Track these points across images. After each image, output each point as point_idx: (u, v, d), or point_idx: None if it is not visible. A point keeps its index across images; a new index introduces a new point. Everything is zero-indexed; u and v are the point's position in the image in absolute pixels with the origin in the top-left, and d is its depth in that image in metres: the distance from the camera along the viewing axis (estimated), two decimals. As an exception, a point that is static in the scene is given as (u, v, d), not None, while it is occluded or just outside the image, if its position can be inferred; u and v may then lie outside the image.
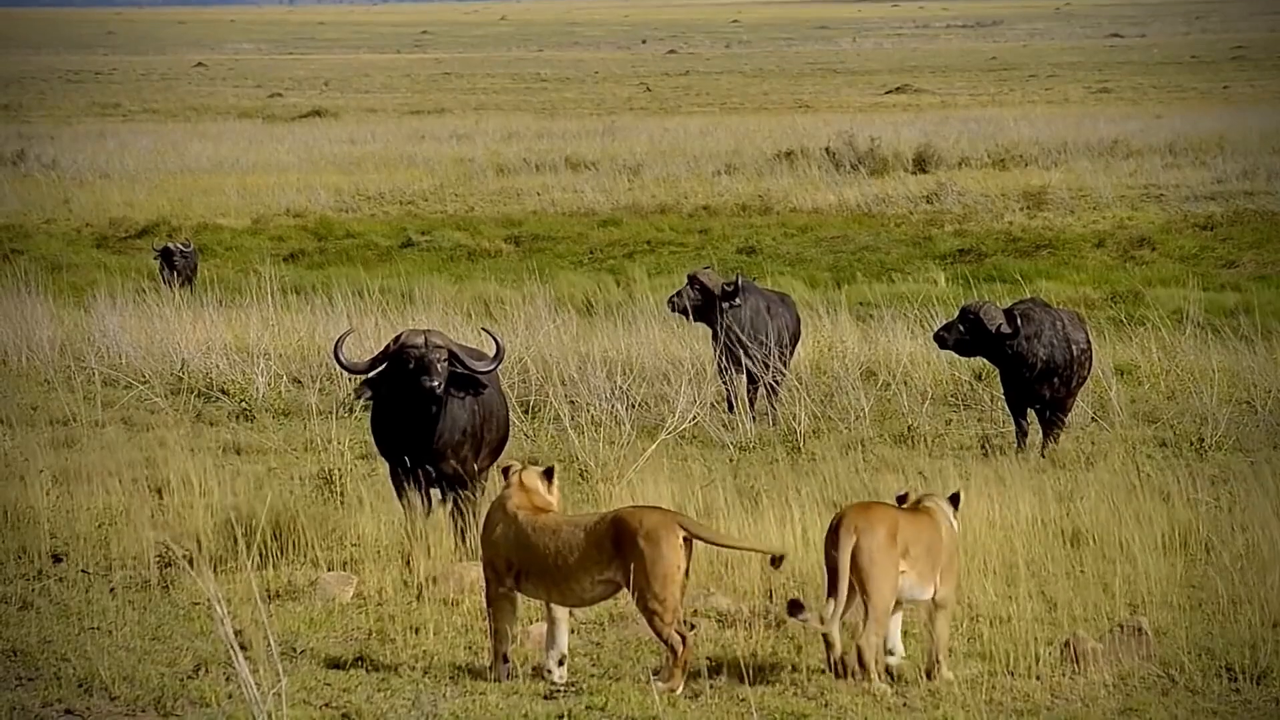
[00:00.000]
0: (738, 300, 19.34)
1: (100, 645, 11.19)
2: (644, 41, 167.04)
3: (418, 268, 33.05)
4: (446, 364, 13.10)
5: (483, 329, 16.36)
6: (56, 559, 13.12)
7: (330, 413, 18.51)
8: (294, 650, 11.13)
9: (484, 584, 10.35)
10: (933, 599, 10.47)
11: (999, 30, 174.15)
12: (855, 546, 10.20)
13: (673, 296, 19.92)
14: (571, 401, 18.59)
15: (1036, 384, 17.32)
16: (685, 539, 9.54)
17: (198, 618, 11.76)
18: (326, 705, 10.27)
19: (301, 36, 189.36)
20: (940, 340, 17.65)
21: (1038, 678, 10.64)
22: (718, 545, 9.78)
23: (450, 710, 10.17)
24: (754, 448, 17.63)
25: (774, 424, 18.69)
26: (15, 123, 67.87)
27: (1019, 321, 17.22)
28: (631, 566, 9.40)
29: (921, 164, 45.64)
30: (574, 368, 19.62)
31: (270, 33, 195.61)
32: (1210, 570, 12.48)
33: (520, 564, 9.94)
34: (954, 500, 10.89)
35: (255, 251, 35.37)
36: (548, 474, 10.41)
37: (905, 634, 11.35)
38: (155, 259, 30.27)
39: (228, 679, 10.48)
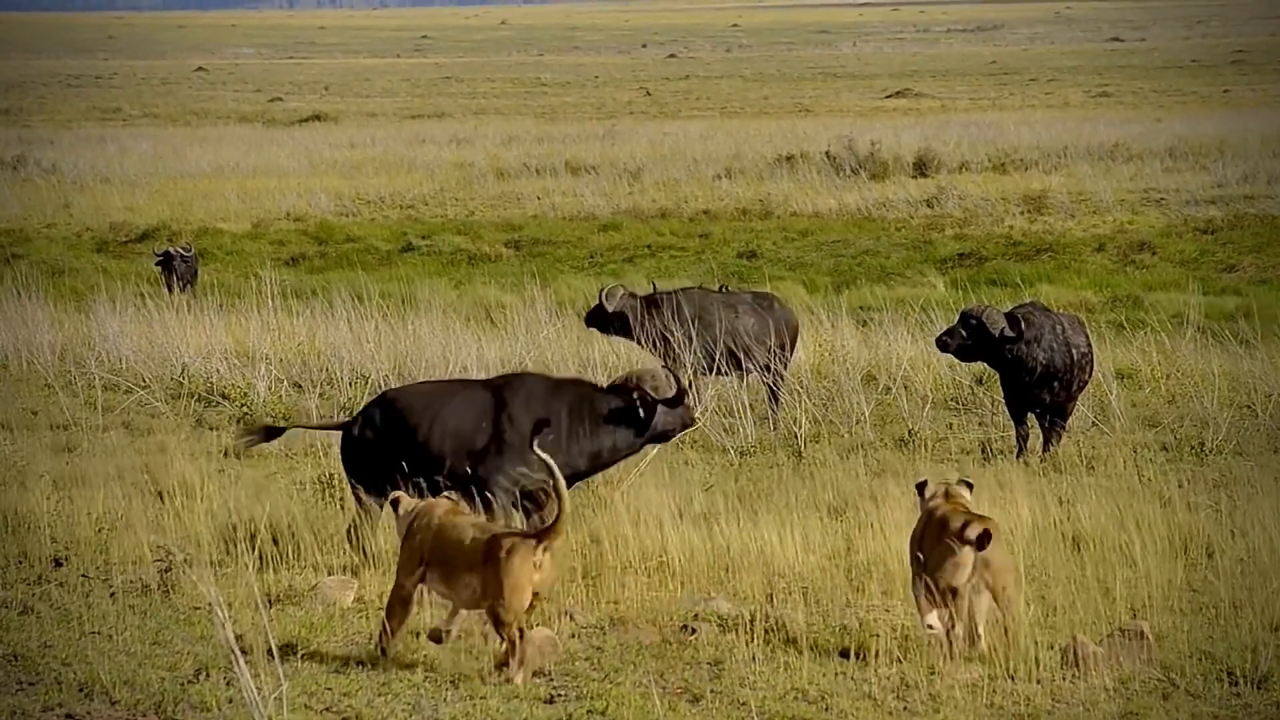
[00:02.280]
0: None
1: (101, 650, 11.19)
2: (644, 46, 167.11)
3: (418, 272, 33.05)
4: None
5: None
6: (57, 563, 13.12)
7: (331, 417, 18.51)
8: (294, 654, 11.13)
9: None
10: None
11: (999, 34, 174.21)
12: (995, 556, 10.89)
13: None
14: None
15: (1037, 388, 17.32)
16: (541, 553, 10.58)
17: (198, 622, 11.76)
18: (327, 709, 10.27)
19: (302, 41, 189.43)
20: (942, 345, 17.64)
21: (1038, 682, 10.64)
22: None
23: (450, 714, 10.17)
24: (755, 452, 17.63)
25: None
26: (15, 127, 67.88)
27: (1021, 325, 17.22)
28: (489, 576, 10.60)
29: (922, 168, 45.65)
30: (574, 372, 19.62)
31: (270, 37, 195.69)
32: (1211, 574, 12.48)
33: (429, 558, 10.91)
34: (969, 486, 11.34)
35: (255, 256, 35.38)
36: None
37: (905, 638, 11.36)
38: (156, 264, 30.28)
39: (228, 683, 10.48)
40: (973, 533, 10.69)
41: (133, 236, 38.73)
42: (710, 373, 19.36)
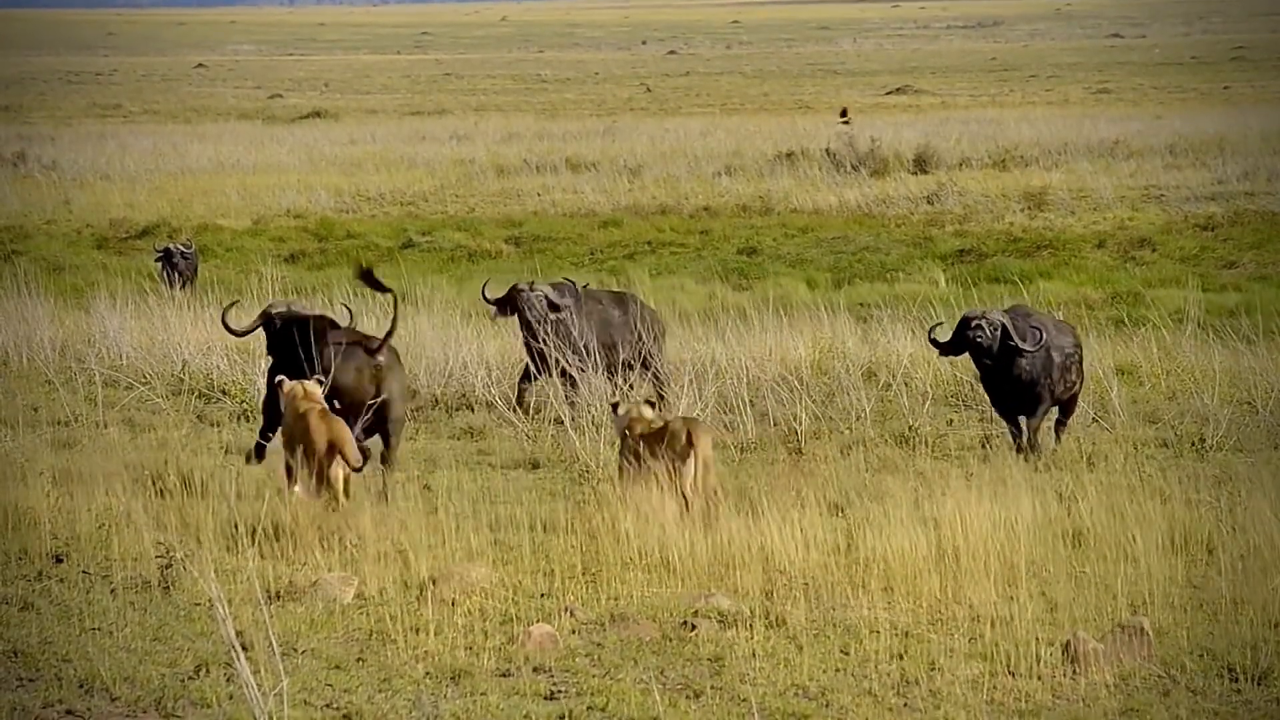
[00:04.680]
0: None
1: (101, 646, 11.19)
2: (644, 42, 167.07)
3: (418, 268, 33.04)
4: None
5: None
6: (58, 560, 13.12)
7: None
8: (295, 651, 11.13)
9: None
10: None
11: (999, 31, 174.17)
12: None
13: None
14: (572, 403, 18.60)
15: (1021, 390, 17.32)
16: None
17: (199, 618, 11.76)
18: (327, 706, 10.28)
19: (301, 37, 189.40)
20: (940, 346, 17.71)
21: (1039, 678, 10.65)
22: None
23: (451, 711, 10.18)
24: (754, 448, 17.63)
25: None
26: (15, 124, 67.85)
27: (1040, 336, 17.28)
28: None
29: (922, 164, 45.63)
30: (575, 369, 19.62)
31: (270, 34, 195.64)
32: (1211, 571, 12.48)
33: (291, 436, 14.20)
34: (651, 405, 14.56)
35: (256, 252, 35.36)
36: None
37: (906, 635, 11.38)
38: (156, 260, 30.27)
39: (229, 679, 10.49)
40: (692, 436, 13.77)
41: (133, 233, 38.72)
42: (576, 370, 19.52)
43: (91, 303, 24.34)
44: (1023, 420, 17.48)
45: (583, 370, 19.30)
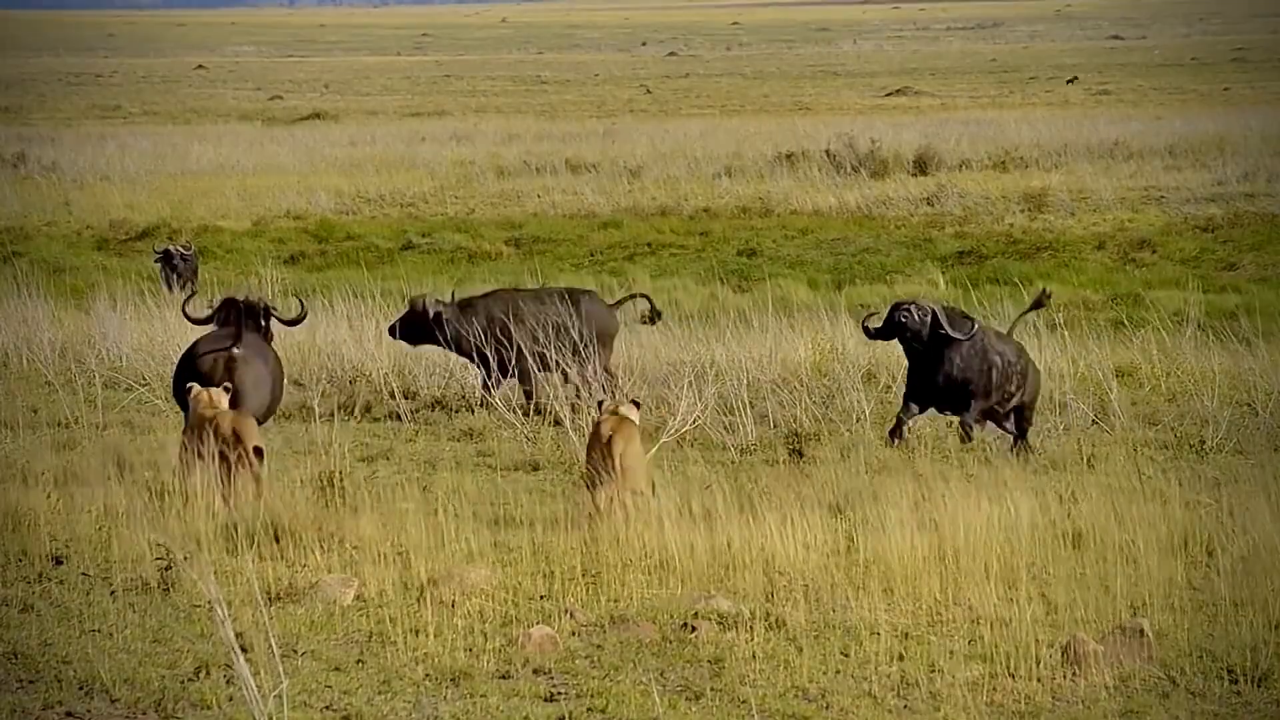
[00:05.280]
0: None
1: (101, 648, 11.19)
2: (644, 44, 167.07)
3: (418, 270, 33.05)
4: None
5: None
6: (57, 561, 13.12)
7: (331, 415, 18.52)
8: (295, 652, 11.13)
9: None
10: None
11: (999, 32, 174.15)
12: None
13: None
14: (572, 404, 18.61)
15: (949, 383, 17.28)
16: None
17: (198, 620, 11.76)
18: (327, 708, 10.28)
19: (302, 39, 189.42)
20: (871, 333, 17.72)
21: (1038, 680, 10.65)
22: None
23: (451, 712, 10.18)
24: (755, 450, 17.63)
25: None
26: (15, 125, 67.85)
27: (971, 326, 17.24)
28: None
29: (922, 166, 45.63)
30: (574, 370, 19.62)
31: (270, 35, 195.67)
32: (1211, 572, 12.48)
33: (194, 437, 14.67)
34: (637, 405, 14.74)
35: (256, 254, 35.36)
36: (226, 389, 15.25)
37: (905, 636, 11.38)
38: (155, 261, 30.26)
39: (228, 681, 10.49)
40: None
41: (133, 234, 38.72)
42: (537, 371, 19.58)
43: (91, 304, 24.35)
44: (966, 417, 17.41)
45: (491, 370, 19.46)
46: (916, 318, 17.35)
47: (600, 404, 14.91)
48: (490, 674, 10.78)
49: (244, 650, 9.93)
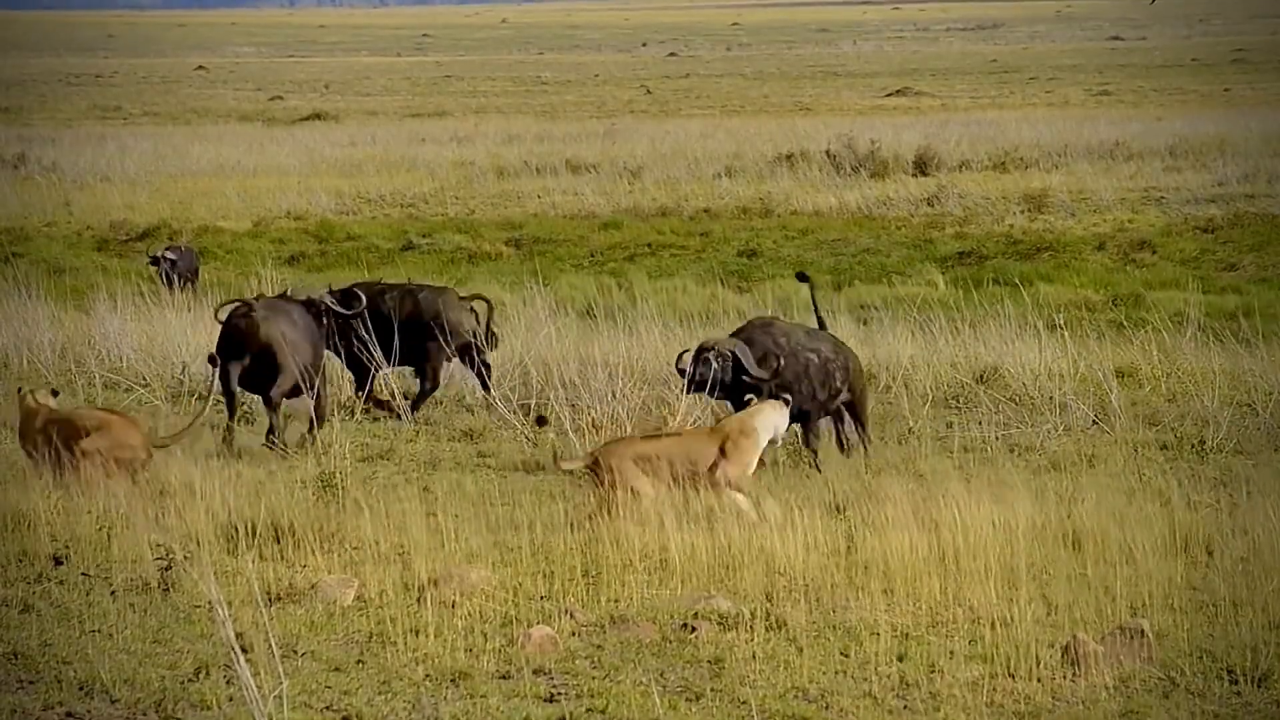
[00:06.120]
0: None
1: (101, 648, 11.19)
2: (644, 44, 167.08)
3: (419, 270, 33.03)
4: None
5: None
6: (57, 562, 13.12)
7: (331, 415, 18.51)
8: (295, 653, 11.13)
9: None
10: None
11: (999, 33, 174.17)
12: None
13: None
14: (572, 404, 18.59)
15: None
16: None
17: (198, 620, 11.77)
18: (327, 708, 10.28)
19: (302, 39, 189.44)
20: (693, 380, 16.82)
21: (1038, 680, 10.64)
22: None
23: (451, 713, 10.18)
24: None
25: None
26: (16, 126, 67.85)
27: (775, 364, 16.64)
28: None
29: (922, 166, 45.64)
30: (575, 371, 19.61)
31: (271, 36, 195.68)
32: (1211, 573, 12.48)
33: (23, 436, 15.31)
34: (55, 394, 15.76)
35: (256, 254, 35.34)
36: (54, 393, 15.73)
37: (905, 637, 11.38)
38: (150, 263, 30.24)
39: (229, 682, 10.49)
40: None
41: (133, 235, 38.70)
42: (389, 365, 19.76)
43: (92, 305, 24.34)
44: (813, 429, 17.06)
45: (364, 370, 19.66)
46: (716, 365, 16.57)
47: (747, 400, 15.05)
48: (490, 674, 10.78)
49: (244, 651, 9.93)
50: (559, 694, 10.46)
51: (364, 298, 19.50)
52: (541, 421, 16.12)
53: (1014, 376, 20.08)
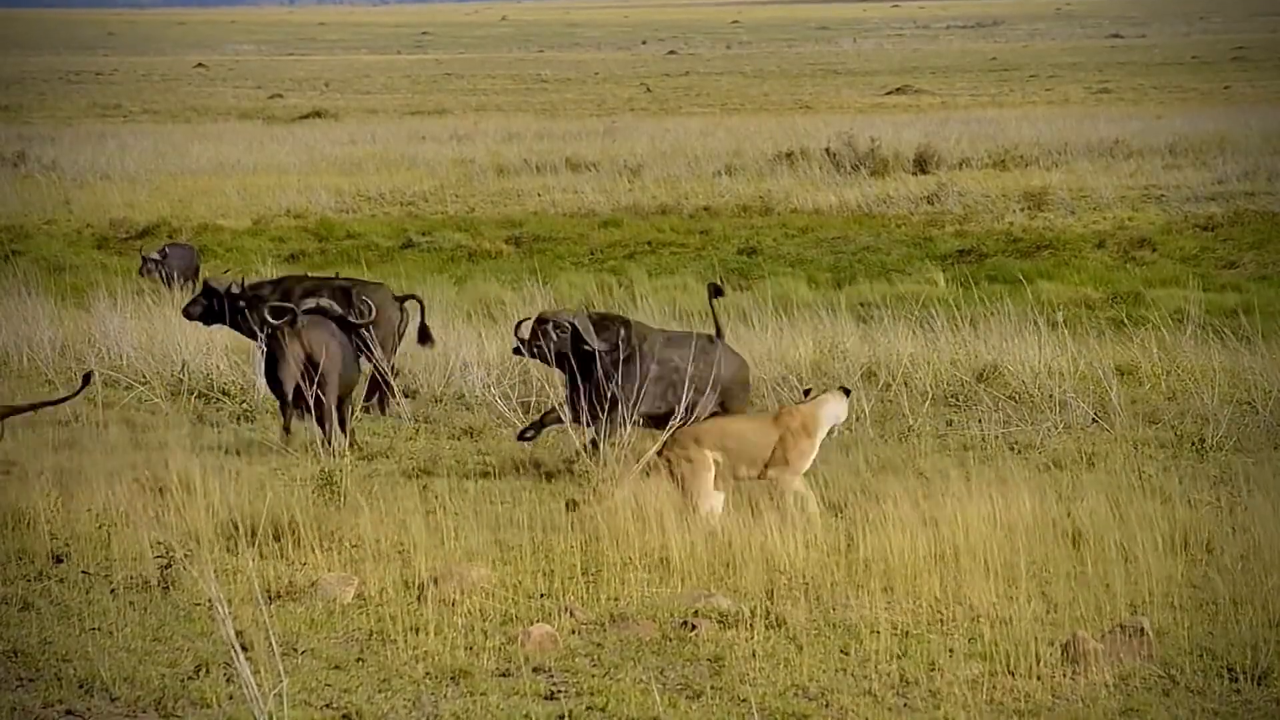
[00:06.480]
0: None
1: (101, 646, 11.19)
2: (644, 42, 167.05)
3: (418, 268, 33.04)
4: None
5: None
6: (57, 560, 13.12)
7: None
8: (295, 651, 11.13)
9: None
10: None
11: (999, 31, 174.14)
12: None
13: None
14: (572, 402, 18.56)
15: (598, 392, 16.68)
16: None
17: (198, 618, 11.77)
18: (327, 706, 10.28)
19: (302, 37, 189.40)
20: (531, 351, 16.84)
21: (1038, 678, 10.64)
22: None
23: (451, 711, 10.18)
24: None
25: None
26: (16, 124, 67.86)
27: (619, 339, 16.53)
28: None
29: (922, 164, 45.64)
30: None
31: (271, 34, 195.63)
32: (1211, 571, 12.48)
33: None
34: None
35: (256, 252, 35.35)
36: None
37: (906, 635, 11.38)
38: (138, 275, 30.15)
39: (228, 680, 10.49)
40: None
41: (133, 233, 38.70)
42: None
43: (91, 303, 24.34)
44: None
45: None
46: (555, 336, 16.55)
47: (807, 392, 15.20)
48: (490, 672, 10.78)
49: (244, 649, 9.94)
50: (559, 692, 10.46)
51: (373, 306, 19.32)
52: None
53: (1014, 374, 20.07)
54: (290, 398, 17.54)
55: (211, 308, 20.00)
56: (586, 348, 16.64)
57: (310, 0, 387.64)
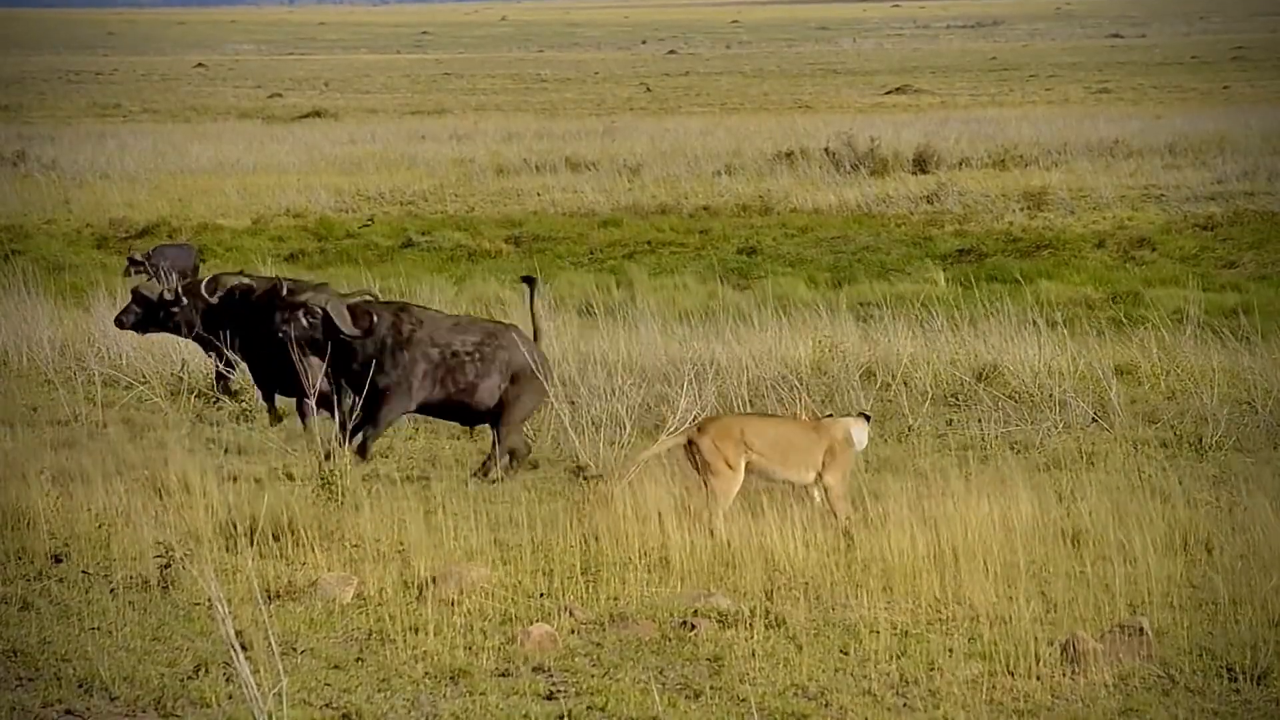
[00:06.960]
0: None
1: (100, 645, 11.19)
2: (644, 42, 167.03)
3: (418, 268, 33.02)
4: None
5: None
6: (57, 559, 13.12)
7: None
8: (294, 650, 11.13)
9: None
10: None
11: (999, 30, 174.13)
12: None
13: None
14: (572, 402, 18.58)
15: (359, 380, 16.57)
16: None
17: (198, 618, 11.77)
18: (327, 705, 10.28)
19: (302, 37, 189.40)
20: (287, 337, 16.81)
21: (1038, 678, 10.65)
22: None
23: (450, 710, 10.18)
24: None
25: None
26: (16, 123, 67.85)
27: (369, 322, 16.42)
28: None
29: (922, 164, 45.64)
30: (574, 368, 19.61)
31: (270, 33, 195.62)
32: (1210, 570, 12.48)
33: None
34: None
35: (255, 252, 35.34)
36: None
37: (905, 634, 11.38)
38: (129, 276, 30.10)
39: (228, 679, 10.49)
40: None
41: (132, 233, 38.71)
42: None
43: (91, 302, 24.35)
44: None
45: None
46: (306, 322, 16.48)
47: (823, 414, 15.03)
48: (490, 672, 10.78)
49: (243, 648, 9.94)
50: (558, 692, 10.47)
51: (375, 316, 19.04)
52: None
53: (1013, 374, 20.07)
54: (312, 400, 17.57)
55: (145, 316, 19.88)
56: (342, 336, 16.50)
57: (310, 0, 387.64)
